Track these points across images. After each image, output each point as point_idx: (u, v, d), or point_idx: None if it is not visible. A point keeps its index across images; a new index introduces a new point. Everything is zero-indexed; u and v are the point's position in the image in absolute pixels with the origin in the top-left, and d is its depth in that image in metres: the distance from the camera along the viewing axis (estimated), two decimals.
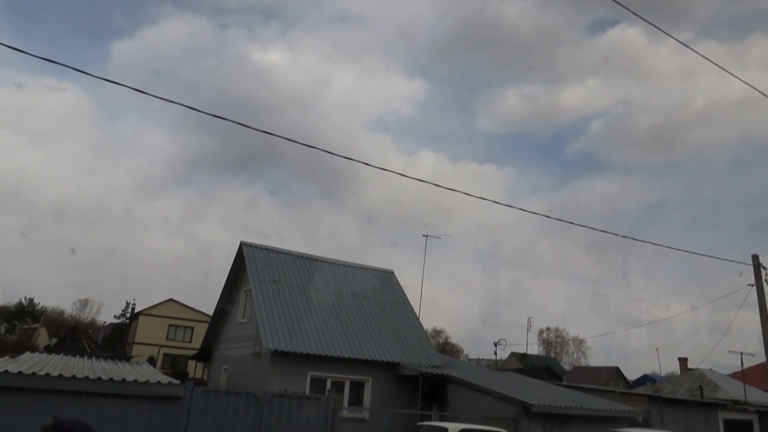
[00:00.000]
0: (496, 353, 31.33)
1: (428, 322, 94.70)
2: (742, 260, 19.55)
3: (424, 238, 25.58)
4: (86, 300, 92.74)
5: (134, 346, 50.68)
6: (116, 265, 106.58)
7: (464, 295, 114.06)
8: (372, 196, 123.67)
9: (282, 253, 21.49)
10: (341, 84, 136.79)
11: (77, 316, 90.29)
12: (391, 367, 19.06)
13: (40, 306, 68.92)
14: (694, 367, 34.05)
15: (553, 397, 16.83)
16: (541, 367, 35.48)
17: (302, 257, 21.89)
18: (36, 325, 65.24)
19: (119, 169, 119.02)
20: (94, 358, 18.43)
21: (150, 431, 10.59)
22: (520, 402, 15.42)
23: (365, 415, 17.87)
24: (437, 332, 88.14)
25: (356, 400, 18.46)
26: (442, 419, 14.57)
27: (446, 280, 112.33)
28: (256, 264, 20.06)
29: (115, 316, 68.14)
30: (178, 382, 11.79)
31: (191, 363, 34.02)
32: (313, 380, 17.63)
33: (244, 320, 20.27)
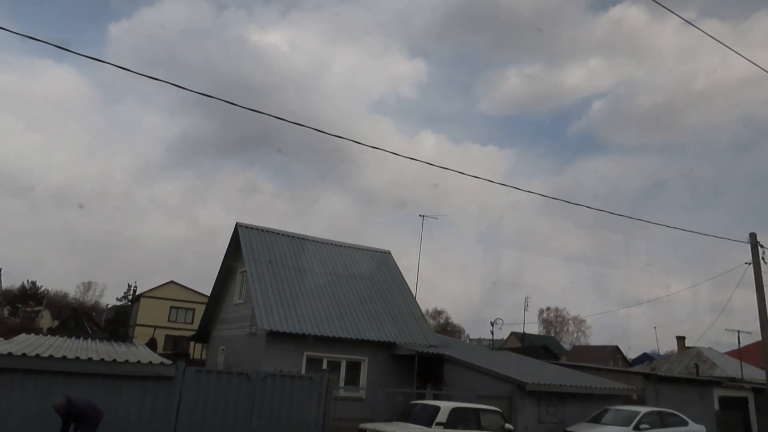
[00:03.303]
0: (492, 333, 31.55)
1: (429, 303, 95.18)
2: (742, 239, 19.53)
3: (423, 219, 25.50)
4: (89, 283, 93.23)
5: (136, 328, 51.06)
6: (119, 248, 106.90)
7: (465, 276, 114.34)
8: (373, 178, 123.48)
9: (278, 234, 21.45)
10: (341, 65, 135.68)
11: (81, 299, 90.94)
12: (388, 347, 19.12)
13: (42, 289, 69.19)
14: (693, 345, 34.17)
15: (548, 376, 16.89)
16: (538, 346, 35.69)
17: (298, 238, 21.85)
18: (39, 308, 65.60)
19: (119, 152, 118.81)
20: (89, 339, 18.50)
21: (142, 411, 10.64)
22: (514, 380, 15.48)
23: (362, 394, 17.97)
24: (438, 313, 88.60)
25: (353, 380, 18.57)
26: (436, 398, 14.62)
27: (448, 262, 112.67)
28: (251, 245, 20.03)
29: (117, 299, 68.50)
30: (169, 362, 11.80)
31: (193, 344, 34.24)
32: (309, 360, 17.71)
33: (241, 301, 20.30)
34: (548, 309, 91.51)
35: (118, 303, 68.69)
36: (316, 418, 12.48)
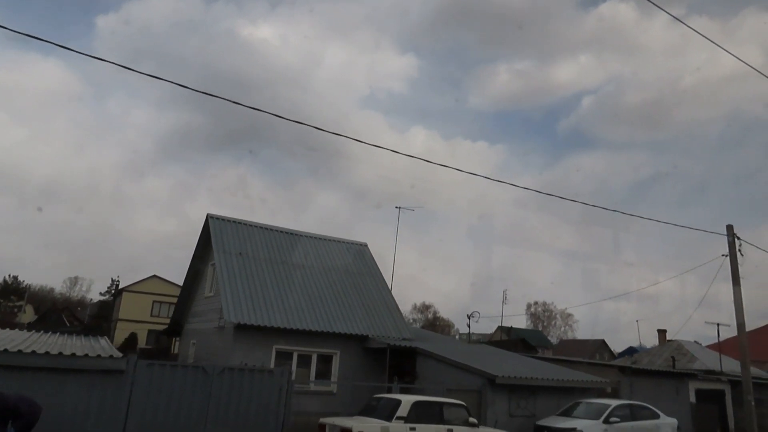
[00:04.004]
0: (469, 326, 31.36)
1: (417, 298, 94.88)
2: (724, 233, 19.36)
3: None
4: (76, 278, 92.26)
5: (118, 323, 50.43)
6: (108, 243, 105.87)
7: (456, 270, 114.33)
8: (364, 174, 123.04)
9: (250, 225, 21.05)
10: (333, 60, 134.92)
11: (67, 294, 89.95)
12: (360, 340, 18.81)
13: (24, 284, 68.24)
14: (679, 338, 34.11)
15: (521, 369, 16.63)
16: (517, 339, 35.56)
17: (272, 230, 21.45)
18: (20, 303, 64.72)
19: (108, 146, 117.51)
20: (57, 333, 18.02)
21: (89, 407, 10.24)
22: (484, 373, 15.22)
23: (333, 388, 17.67)
24: (426, 307, 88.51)
25: (325, 373, 18.26)
26: (404, 391, 14.34)
27: (439, 257, 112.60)
28: (222, 236, 19.62)
29: (100, 293, 67.67)
30: (120, 355, 11.41)
31: (174, 339, 33.75)
32: (279, 354, 17.37)
33: (211, 294, 19.89)
34: (536, 303, 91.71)
35: (102, 298, 68.03)
36: (277, 412, 12.16)
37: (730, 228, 19.57)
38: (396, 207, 24.64)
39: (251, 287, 18.16)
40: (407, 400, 11.56)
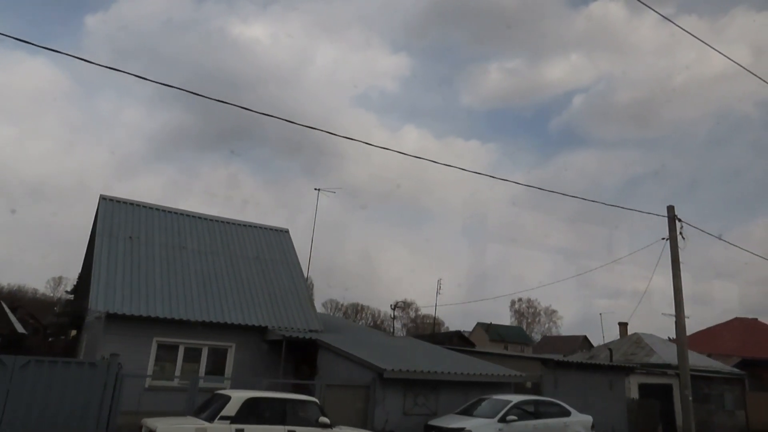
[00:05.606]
0: (393, 317, 29.56)
1: (399, 295, 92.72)
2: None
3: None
4: (60, 278, 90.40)
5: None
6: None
7: (447, 268, 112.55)
8: (355, 172, 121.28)
9: (149, 208, 19.25)
10: (324, 59, 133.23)
11: (51, 294, 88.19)
12: (261, 332, 17.10)
13: None
14: (644, 331, 32.51)
15: (420, 362, 14.85)
16: (451, 333, 33.86)
17: (174, 213, 19.64)
18: None
19: (98, 145, 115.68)
20: None
21: None
22: (373, 366, 13.49)
23: (227, 384, 15.94)
24: (407, 304, 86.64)
25: (219, 369, 16.55)
26: (284, 387, 12.67)
27: (430, 254, 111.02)
28: (111, 219, 17.82)
29: (66, 291, 65.86)
30: None
31: None
32: (162, 347, 15.69)
33: None
34: (520, 300, 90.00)
35: (69, 296, 66.22)
36: (99, 412, 10.42)
37: (671, 209, 17.99)
38: (315, 189, 22.93)
39: (134, 273, 16.41)
40: (238, 396, 9.80)
